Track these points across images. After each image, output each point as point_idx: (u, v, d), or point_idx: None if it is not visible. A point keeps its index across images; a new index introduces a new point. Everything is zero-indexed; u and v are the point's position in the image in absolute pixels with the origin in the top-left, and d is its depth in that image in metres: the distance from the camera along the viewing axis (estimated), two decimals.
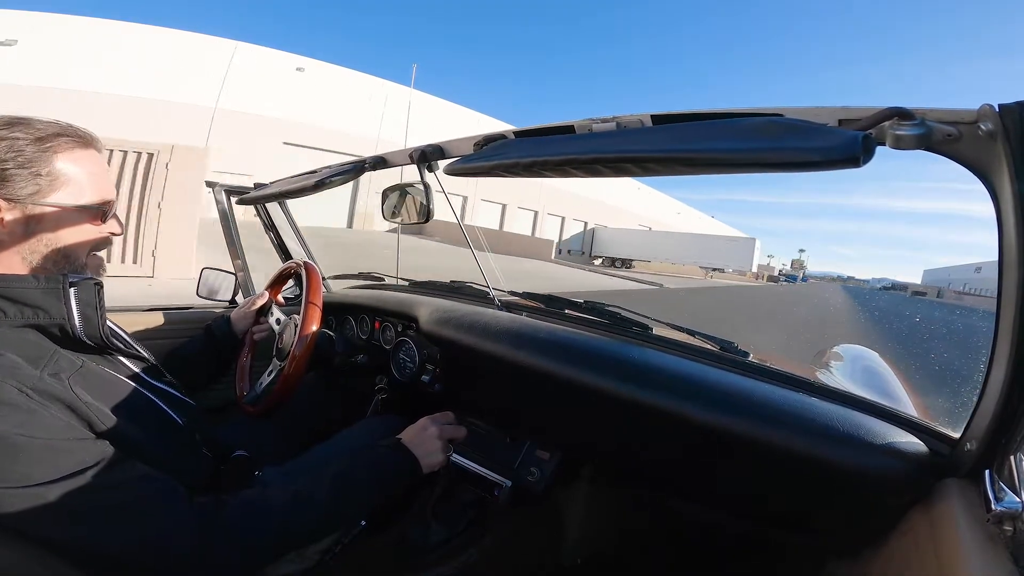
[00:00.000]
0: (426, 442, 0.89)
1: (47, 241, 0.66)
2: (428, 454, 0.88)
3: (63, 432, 0.56)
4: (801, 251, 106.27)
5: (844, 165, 0.42)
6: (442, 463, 0.91)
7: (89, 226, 0.70)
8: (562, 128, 0.73)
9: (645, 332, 1.06)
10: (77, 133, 0.70)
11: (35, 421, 0.54)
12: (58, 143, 0.66)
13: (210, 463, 0.84)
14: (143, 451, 0.66)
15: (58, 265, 0.68)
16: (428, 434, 0.91)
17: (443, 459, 0.91)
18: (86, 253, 0.71)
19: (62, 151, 0.66)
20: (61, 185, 0.66)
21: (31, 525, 0.52)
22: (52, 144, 0.65)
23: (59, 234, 0.67)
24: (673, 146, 0.55)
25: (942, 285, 65.68)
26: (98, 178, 0.71)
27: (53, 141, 0.66)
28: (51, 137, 0.66)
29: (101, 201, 0.71)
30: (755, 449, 0.73)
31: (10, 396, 0.54)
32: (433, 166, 0.99)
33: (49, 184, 0.65)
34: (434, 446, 0.90)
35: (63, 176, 0.66)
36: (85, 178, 0.69)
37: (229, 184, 1.52)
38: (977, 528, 0.47)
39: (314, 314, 1.09)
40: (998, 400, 0.52)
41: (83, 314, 0.66)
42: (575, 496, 1.24)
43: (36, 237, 0.66)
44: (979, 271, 62.05)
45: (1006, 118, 0.40)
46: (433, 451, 0.89)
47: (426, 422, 0.94)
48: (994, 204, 0.48)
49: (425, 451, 0.88)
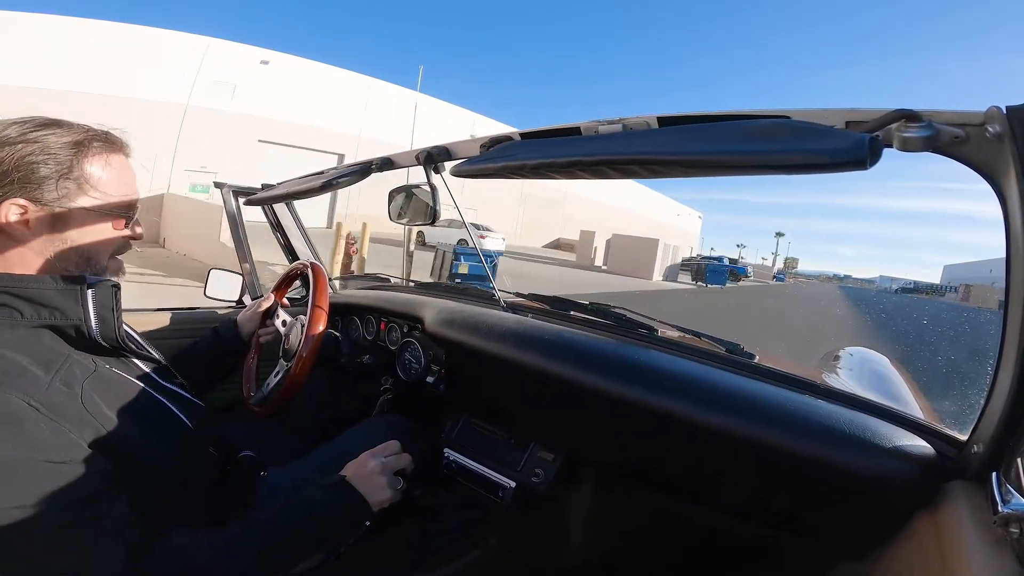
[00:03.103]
0: (369, 479, 0.82)
1: (70, 243, 0.67)
2: (374, 490, 0.81)
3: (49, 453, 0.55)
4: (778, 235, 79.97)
5: (851, 167, 0.42)
6: (391, 499, 0.84)
7: (112, 229, 0.71)
8: (568, 130, 0.73)
9: (650, 334, 1.06)
10: (108, 137, 0.70)
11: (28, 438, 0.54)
12: (89, 147, 0.66)
13: (217, 463, 0.85)
14: (149, 454, 0.66)
15: (79, 267, 0.68)
16: (369, 470, 0.84)
17: (391, 495, 0.84)
18: (107, 256, 0.72)
19: (92, 155, 0.67)
20: (89, 189, 0.66)
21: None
22: (83, 148, 0.66)
23: (82, 237, 0.68)
24: (680, 148, 0.55)
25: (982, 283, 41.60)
26: (124, 182, 0.71)
27: (84, 145, 0.66)
28: (82, 141, 0.66)
29: (126, 205, 0.72)
30: (761, 451, 0.73)
31: (17, 410, 0.54)
32: (439, 168, 1.00)
33: (77, 188, 0.65)
34: (378, 482, 0.83)
35: (92, 180, 0.66)
36: (112, 182, 0.69)
37: (237, 185, 1.53)
38: (983, 530, 0.47)
39: (320, 315, 1.10)
40: (1005, 402, 0.52)
41: (100, 316, 0.66)
42: (579, 498, 1.24)
43: (59, 239, 0.66)
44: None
45: (1014, 120, 0.41)
46: (378, 487, 0.82)
47: (366, 458, 0.87)
48: (1001, 206, 0.48)
49: (370, 488, 0.81)
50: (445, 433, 1.21)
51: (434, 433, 1.22)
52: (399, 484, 0.87)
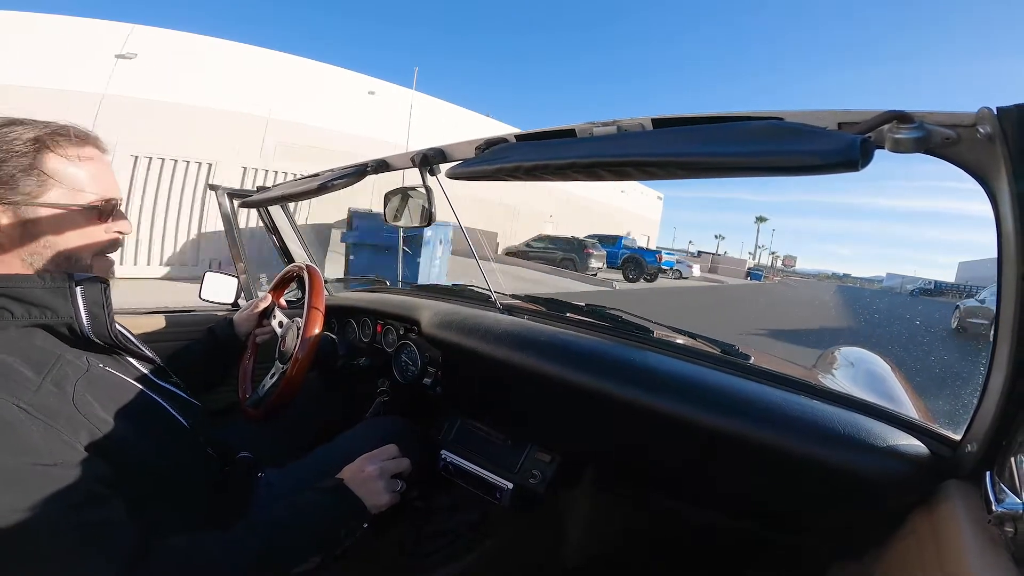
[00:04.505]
0: (367, 483, 0.83)
1: (47, 243, 0.65)
2: (372, 494, 0.82)
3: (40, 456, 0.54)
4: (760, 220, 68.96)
5: (843, 168, 0.43)
6: (389, 502, 0.85)
7: (91, 227, 0.69)
8: (564, 132, 0.73)
9: (646, 335, 1.06)
10: (72, 131, 0.68)
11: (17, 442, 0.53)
12: (51, 142, 0.64)
13: (215, 464, 0.84)
14: (146, 455, 0.66)
15: (58, 267, 0.66)
16: (367, 475, 0.84)
17: (389, 499, 0.85)
18: (91, 255, 0.70)
19: (55, 150, 0.65)
20: (54, 185, 0.64)
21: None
22: (44, 143, 0.64)
23: (59, 236, 0.66)
24: (674, 150, 0.55)
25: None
26: (97, 177, 0.69)
27: (45, 140, 0.64)
28: (44, 136, 0.64)
29: (101, 200, 0.69)
30: (756, 452, 0.73)
31: (5, 413, 0.53)
32: (435, 170, 1.00)
33: (40, 184, 0.63)
34: (375, 487, 0.84)
35: (57, 176, 0.65)
36: (82, 177, 0.67)
37: (232, 187, 1.53)
38: (978, 529, 0.47)
39: (316, 317, 1.10)
40: (998, 402, 0.52)
41: (90, 313, 0.66)
42: (577, 498, 1.24)
43: (36, 239, 0.64)
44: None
45: (1004, 121, 0.41)
46: (375, 492, 0.83)
47: (363, 462, 0.87)
48: (992, 207, 0.48)
49: (368, 492, 0.82)
50: (442, 435, 1.21)
51: (431, 435, 1.22)
52: (397, 487, 0.88)
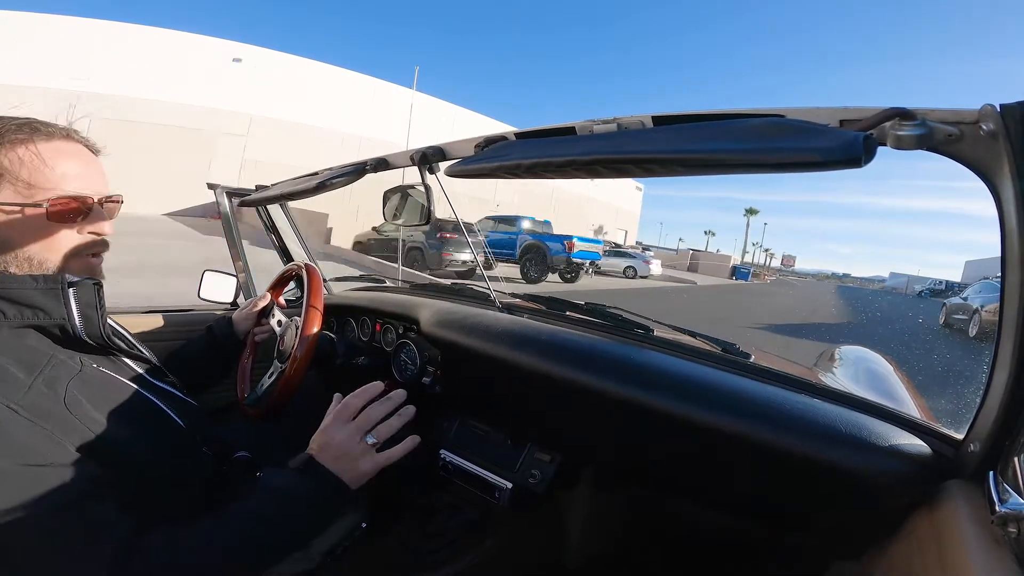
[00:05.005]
0: (341, 452, 0.68)
1: (6, 246, 0.62)
2: (348, 465, 0.68)
3: (30, 457, 0.54)
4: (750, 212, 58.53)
5: (845, 165, 0.42)
6: (377, 466, 0.69)
7: (57, 227, 0.64)
8: (563, 129, 0.73)
9: (646, 334, 1.06)
10: (32, 124, 0.63)
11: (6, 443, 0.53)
12: (3, 136, 0.61)
13: (212, 464, 0.84)
14: (141, 455, 0.65)
15: (20, 269, 0.63)
16: (337, 443, 0.69)
17: (374, 464, 0.69)
18: (62, 256, 0.66)
19: (9, 144, 0.61)
20: (13, 180, 0.60)
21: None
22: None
23: (18, 235, 0.62)
24: (674, 147, 0.55)
25: None
26: (67, 173, 0.64)
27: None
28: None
29: (68, 197, 0.63)
30: (757, 451, 0.73)
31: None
32: (434, 168, 0.99)
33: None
34: (350, 451, 0.68)
35: (12, 171, 0.60)
36: (44, 172, 0.62)
37: (231, 187, 1.53)
38: (981, 530, 0.47)
39: (315, 316, 1.09)
40: (1001, 401, 0.52)
41: (83, 314, 0.65)
42: (576, 498, 1.24)
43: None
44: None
45: (1007, 118, 0.40)
46: (350, 458, 0.68)
47: (331, 426, 0.71)
48: (996, 204, 0.47)
49: (344, 464, 0.68)
50: (441, 434, 1.20)
51: (430, 435, 1.22)
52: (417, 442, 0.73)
